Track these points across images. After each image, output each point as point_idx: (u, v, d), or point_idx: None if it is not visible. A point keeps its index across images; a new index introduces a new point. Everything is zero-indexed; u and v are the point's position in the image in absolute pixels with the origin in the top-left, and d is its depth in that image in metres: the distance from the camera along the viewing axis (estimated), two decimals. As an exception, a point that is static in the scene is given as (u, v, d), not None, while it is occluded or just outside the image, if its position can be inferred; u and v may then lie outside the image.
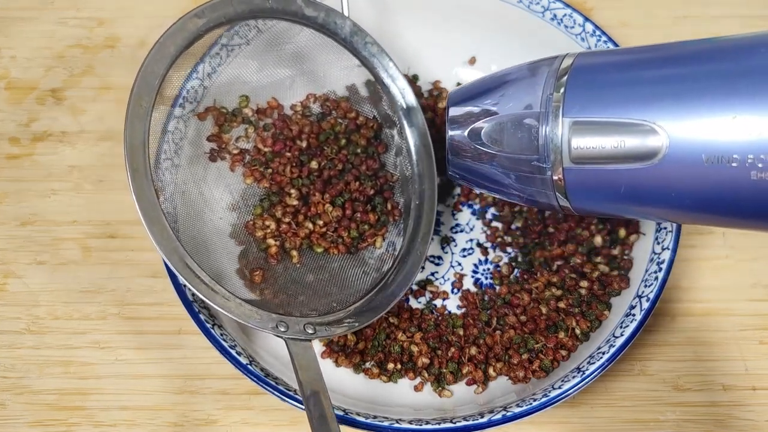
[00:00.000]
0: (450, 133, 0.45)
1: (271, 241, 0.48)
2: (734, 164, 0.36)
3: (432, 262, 0.53)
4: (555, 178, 0.41)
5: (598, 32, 0.52)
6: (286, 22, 0.49)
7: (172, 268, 0.42)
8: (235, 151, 0.50)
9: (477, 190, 0.54)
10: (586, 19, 0.53)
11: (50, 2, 0.62)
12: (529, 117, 0.42)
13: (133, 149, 0.42)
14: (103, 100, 0.58)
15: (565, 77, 0.41)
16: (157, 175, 0.45)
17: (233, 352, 0.45)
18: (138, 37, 0.60)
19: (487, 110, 0.44)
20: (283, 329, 0.43)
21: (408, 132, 0.51)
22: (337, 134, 0.52)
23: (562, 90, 0.41)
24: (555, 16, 0.53)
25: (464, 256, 0.53)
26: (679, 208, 0.40)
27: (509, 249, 0.53)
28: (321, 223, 0.49)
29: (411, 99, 0.52)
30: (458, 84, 0.57)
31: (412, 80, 0.57)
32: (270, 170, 0.50)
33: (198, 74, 0.49)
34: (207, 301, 0.42)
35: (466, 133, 0.44)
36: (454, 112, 0.46)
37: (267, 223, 0.49)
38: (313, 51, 0.51)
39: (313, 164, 0.50)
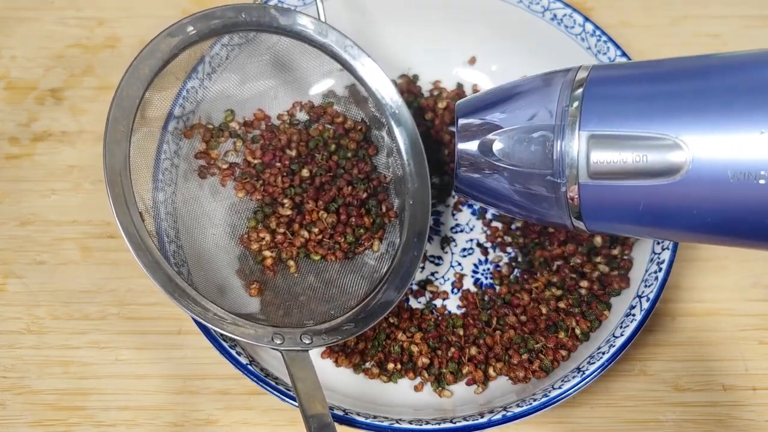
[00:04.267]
0: (459, 146, 0.43)
1: (266, 253, 0.48)
2: (762, 181, 0.35)
3: (432, 262, 0.53)
4: (569, 194, 0.40)
5: (598, 32, 0.52)
6: (262, 33, 0.49)
7: (160, 289, 0.41)
8: (224, 166, 0.50)
9: (484, 207, 0.54)
10: (586, 19, 0.53)
11: (50, 2, 0.62)
12: (543, 130, 0.40)
13: (114, 174, 0.41)
14: (103, 100, 0.58)
15: (581, 89, 0.39)
16: (155, 195, 0.46)
17: (233, 352, 0.45)
18: (138, 37, 0.60)
19: (498, 123, 0.42)
20: (279, 341, 0.43)
21: (396, 132, 0.51)
22: (326, 140, 0.51)
23: (577, 103, 0.39)
24: (555, 16, 0.53)
25: (464, 256, 0.53)
26: (701, 227, 0.38)
27: (509, 249, 0.53)
28: (316, 230, 0.49)
29: (396, 98, 0.51)
30: (458, 84, 0.57)
31: (412, 80, 0.57)
32: (261, 182, 0.50)
33: (183, 93, 0.48)
34: (199, 320, 0.42)
35: (476, 146, 0.42)
36: (463, 123, 0.43)
37: (262, 235, 0.48)
38: (294, 59, 0.51)
39: (305, 172, 0.50)
